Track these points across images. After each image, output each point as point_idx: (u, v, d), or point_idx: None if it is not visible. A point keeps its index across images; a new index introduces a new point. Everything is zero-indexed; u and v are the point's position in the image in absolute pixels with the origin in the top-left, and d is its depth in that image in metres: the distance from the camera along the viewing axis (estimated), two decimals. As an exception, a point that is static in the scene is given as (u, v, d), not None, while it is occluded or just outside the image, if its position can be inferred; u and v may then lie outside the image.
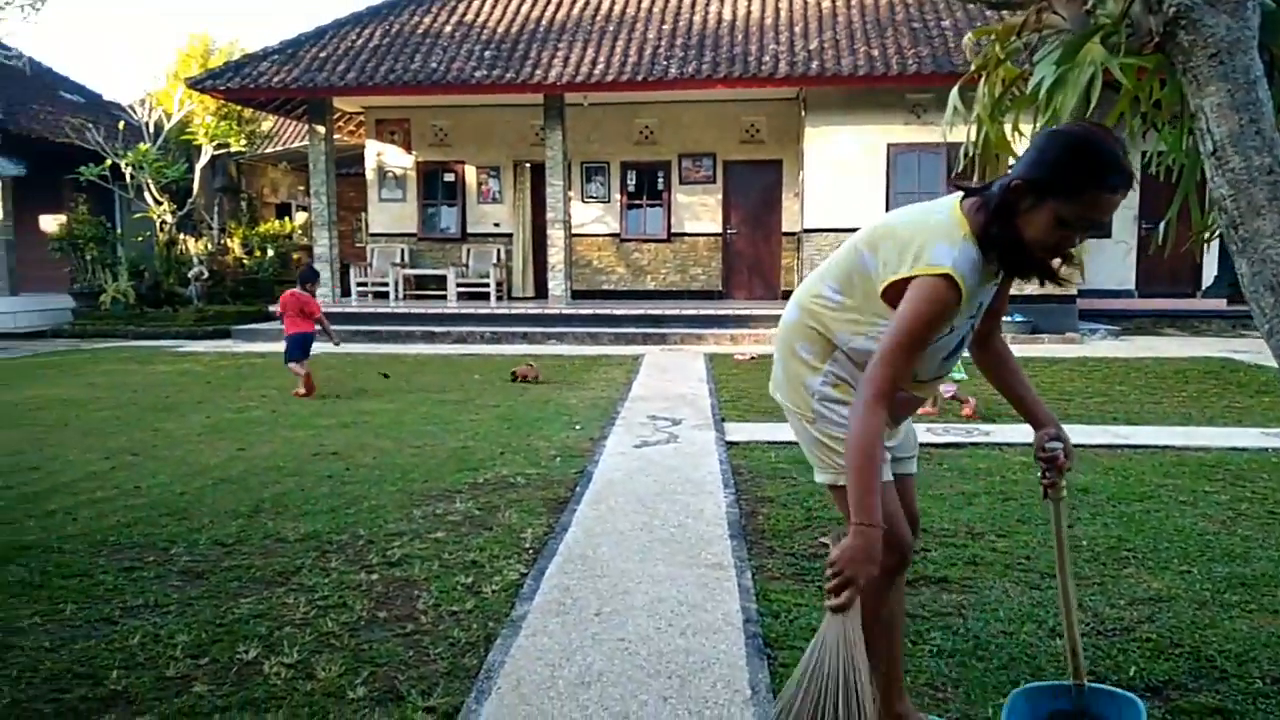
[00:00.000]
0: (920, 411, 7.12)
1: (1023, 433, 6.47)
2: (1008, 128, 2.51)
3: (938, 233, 2.00)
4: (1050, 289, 2.14)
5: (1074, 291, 13.32)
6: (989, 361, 2.36)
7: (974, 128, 2.45)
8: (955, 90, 2.52)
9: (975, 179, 2.25)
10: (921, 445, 6.23)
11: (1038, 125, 2.44)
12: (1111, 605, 3.32)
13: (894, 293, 2.01)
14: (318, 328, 8.86)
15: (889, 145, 13.46)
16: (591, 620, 3.12)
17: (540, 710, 2.50)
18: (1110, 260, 15.43)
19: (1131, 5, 2.09)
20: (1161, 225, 2.61)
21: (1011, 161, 2.69)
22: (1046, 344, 12.51)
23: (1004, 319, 2.32)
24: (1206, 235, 2.51)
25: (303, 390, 8.40)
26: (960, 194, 2.10)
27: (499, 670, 2.73)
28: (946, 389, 7.24)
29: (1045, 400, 2.31)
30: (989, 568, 3.71)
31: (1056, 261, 2.02)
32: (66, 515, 4.52)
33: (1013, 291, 2.31)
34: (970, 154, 2.49)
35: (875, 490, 1.90)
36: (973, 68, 2.44)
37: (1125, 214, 15.66)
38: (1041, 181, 1.90)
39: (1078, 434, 6.47)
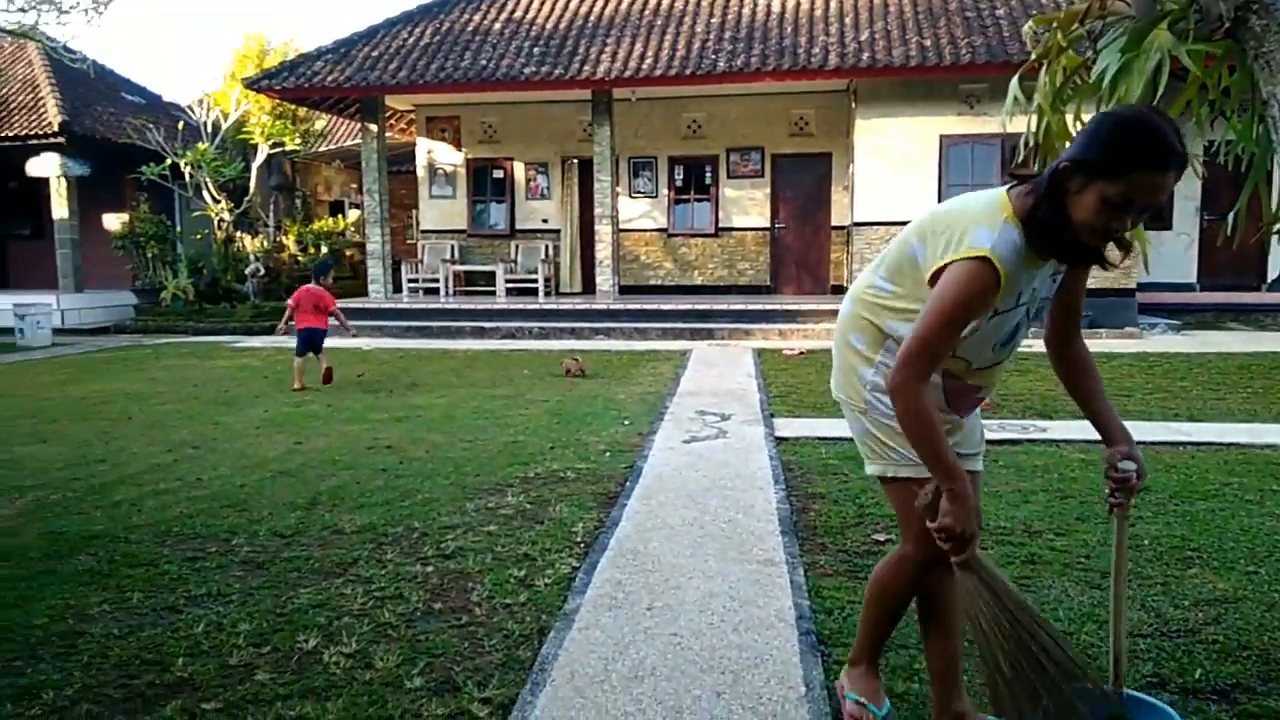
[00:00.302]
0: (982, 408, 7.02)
1: (1081, 429, 6.35)
2: (1069, 117, 2.46)
3: (980, 217, 2.00)
4: (1108, 281, 2.11)
5: (1133, 285, 13.00)
6: (1068, 367, 2.29)
7: (1034, 117, 2.40)
8: (1015, 79, 2.47)
9: (1035, 169, 2.20)
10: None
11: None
12: (1176, 606, 3.24)
13: (939, 279, 2.03)
14: (333, 322, 9.04)
15: (941, 136, 13.26)
16: (643, 614, 3.13)
17: (594, 703, 2.51)
18: (1171, 253, 15.02)
19: (1201, -10, 2.03)
20: (1230, 216, 2.53)
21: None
22: (1104, 338, 12.24)
23: None
24: (1277, 226, 2.43)
25: (298, 385, 8.65)
26: (1011, 182, 2.09)
27: (553, 663, 2.75)
28: None
29: (1105, 395, 2.26)
30: (1047, 567, 3.65)
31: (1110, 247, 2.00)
32: (132, 506, 4.65)
33: None
34: (1030, 144, 2.45)
35: (944, 450, 1.98)
36: (1033, 56, 2.39)
37: (1186, 205, 15.24)
38: (1090, 162, 1.88)
39: (1138, 430, 6.30)
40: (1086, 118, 2.49)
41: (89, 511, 4.56)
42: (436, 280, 15.76)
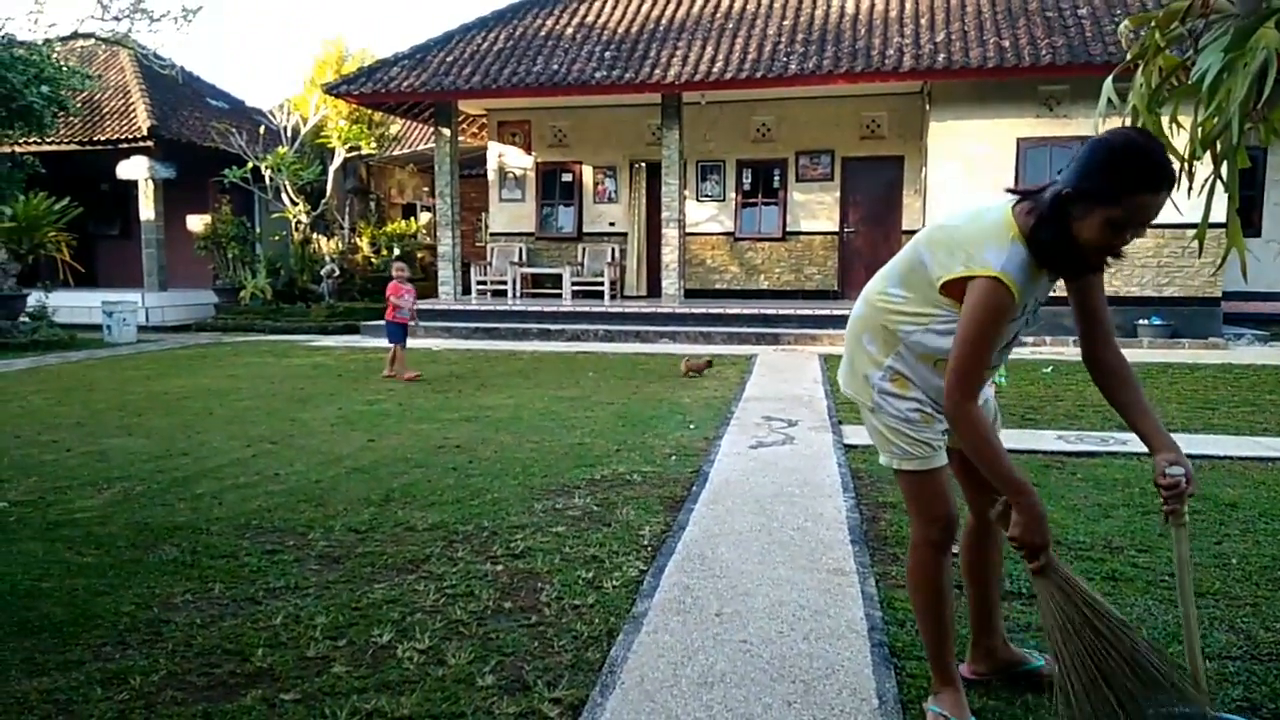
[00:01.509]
0: None
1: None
2: (1164, 119, 2.38)
3: (988, 233, 2.15)
4: (1192, 290, 2.24)
5: (1218, 294, 12.53)
6: (1104, 379, 2.34)
7: (1128, 119, 2.33)
8: (1109, 80, 2.39)
9: (1035, 186, 2.24)
10: (1052, 453, 5.96)
11: (1199, 117, 2.30)
12: (1267, 628, 3.11)
13: (954, 288, 2.19)
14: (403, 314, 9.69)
15: (1019, 139, 12.95)
16: (712, 620, 3.12)
17: (664, 707, 2.51)
18: (1260, 260, 14.43)
19: (1310, -13, 1.94)
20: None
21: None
22: (1187, 349, 11.81)
23: (1141, 323, 2.39)
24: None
25: (389, 372, 9.40)
26: (1014, 198, 2.23)
27: (622, 665, 2.75)
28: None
29: (1188, 408, 2.30)
30: (1129, 584, 3.53)
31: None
32: (213, 499, 4.80)
33: (1151, 294, 2.41)
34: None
35: (1010, 470, 2.12)
36: (1128, 56, 2.31)
37: (1276, 211, 14.64)
38: (1090, 190, 2.03)
39: (1223, 445, 6.10)
40: (1184, 119, 2.41)
41: (173, 503, 4.72)
42: (504, 282, 15.95)
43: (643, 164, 16.08)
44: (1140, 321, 12.31)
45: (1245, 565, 3.74)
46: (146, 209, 17.13)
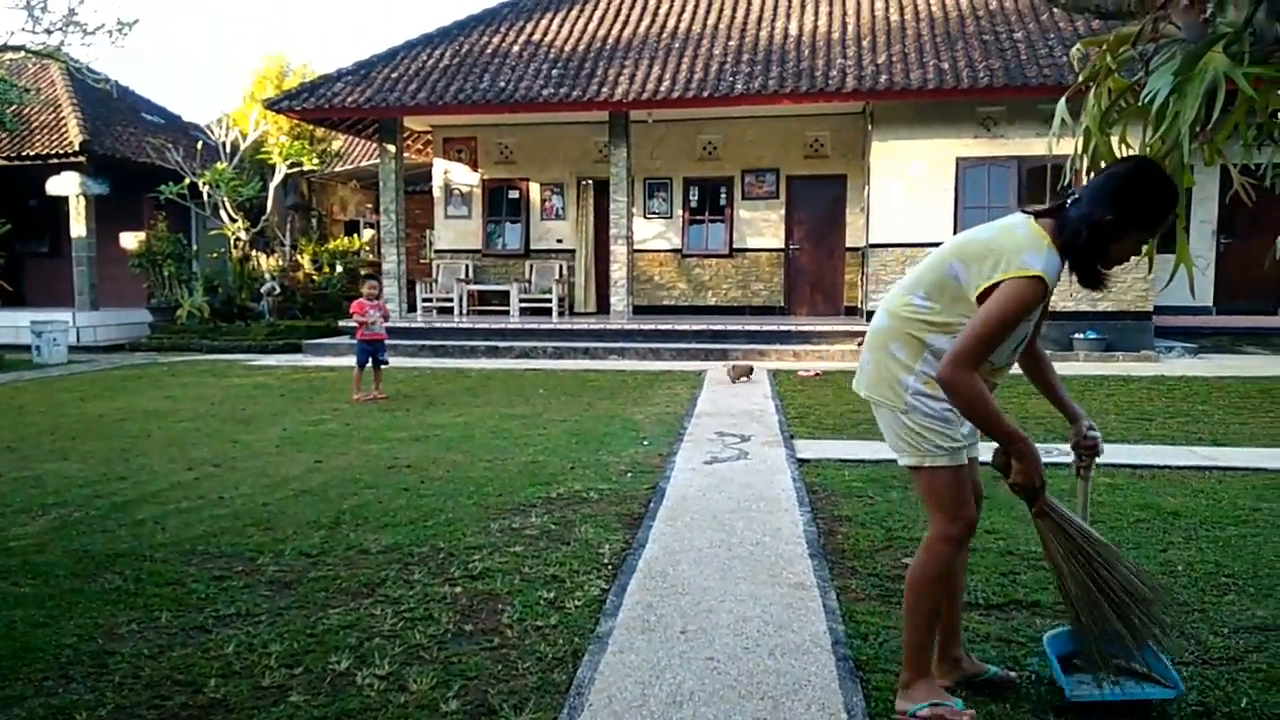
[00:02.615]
0: None
1: (1105, 453, 6.27)
2: (1114, 139, 2.45)
3: (1025, 244, 2.35)
4: (1126, 305, 2.65)
5: (1149, 308, 12.95)
6: (1034, 363, 2.76)
7: (1081, 139, 2.40)
8: (1062, 101, 2.46)
9: (1048, 203, 2.43)
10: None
11: (1148, 137, 2.37)
12: (1216, 634, 3.19)
13: (987, 297, 2.36)
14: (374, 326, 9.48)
15: (958, 158, 13.26)
16: (678, 638, 3.10)
17: (633, 729, 2.48)
18: (1187, 276, 14.94)
19: (1255, 13, 2.02)
20: (1279, 240, 2.52)
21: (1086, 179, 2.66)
22: (1122, 362, 12.17)
23: (1077, 336, 2.80)
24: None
25: (358, 395, 9.23)
26: (1028, 214, 2.46)
27: (589, 687, 2.72)
28: None
29: (1124, 419, 2.62)
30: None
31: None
32: (156, 524, 4.65)
33: (1086, 308, 2.76)
34: (1077, 166, 2.45)
35: (1004, 420, 2.35)
36: (1080, 78, 2.38)
37: (1203, 228, 15.21)
38: (1130, 217, 2.32)
39: (1163, 455, 6.28)
40: (1132, 140, 2.49)
41: (113, 529, 4.55)
42: (451, 300, 15.80)
43: (590, 181, 16.10)
44: (1076, 335, 12.65)
45: (1191, 572, 3.84)
46: (78, 226, 16.62)
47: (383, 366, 9.46)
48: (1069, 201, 2.41)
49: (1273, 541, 4.26)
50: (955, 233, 13.11)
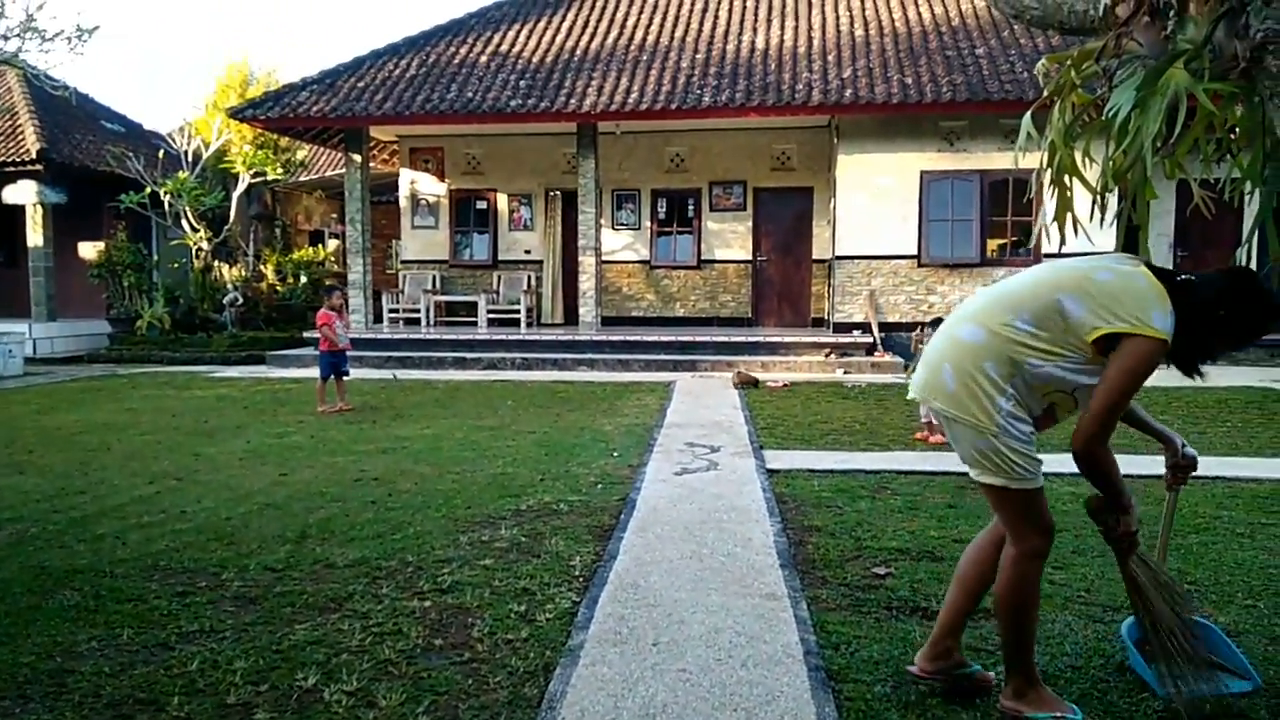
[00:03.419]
0: (932, 440, 7.10)
1: (1066, 462, 6.36)
2: (1078, 154, 2.49)
3: (1151, 299, 2.39)
4: None
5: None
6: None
7: (1046, 153, 2.44)
8: (1027, 115, 2.50)
9: (1039, 203, 2.38)
10: (965, 474, 6.12)
11: (1110, 151, 2.41)
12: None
13: (1104, 342, 2.41)
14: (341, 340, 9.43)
15: (922, 172, 13.43)
16: (650, 650, 3.09)
17: (606, 742, 2.46)
18: (1146, 288, 15.23)
19: (1215, 30, 2.07)
20: (1239, 252, 2.58)
21: (1079, 189, 2.69)
22: (1083, 372, 12.35)
23: None
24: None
25: (323, 407, 9.12)
26: (1139, 262, 2.51)
27: (561, 701, 2.70)
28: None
29: None
30: (1049, 601, 3.64)
31: None
32: (116, 539, 4.55)
33: None
34: (1042, 180, 2.49)
35: (1123, 489, 2.55)
36: (1045, 93, 2.43)
37: (1159, 241, 15.50)
38: (1247, 321, 2.47)
39: (1125, 465, 6.36)
40: (1095, 154, 2.53)
41: (72, 545, 4.45)
42: (417, 310, 15.70)
43: (558, 192, 16.09)
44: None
45: (1153, 579, 3.90)
46: (35, 235, 16.29)
47: (345, 378, 9.38)
48: (1179, 277, 2.49)
49: (1233, 549, 4.34)
50: (920, 245, 13.37)
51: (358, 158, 14.74)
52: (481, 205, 16.48)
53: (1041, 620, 3.42)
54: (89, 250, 17.15)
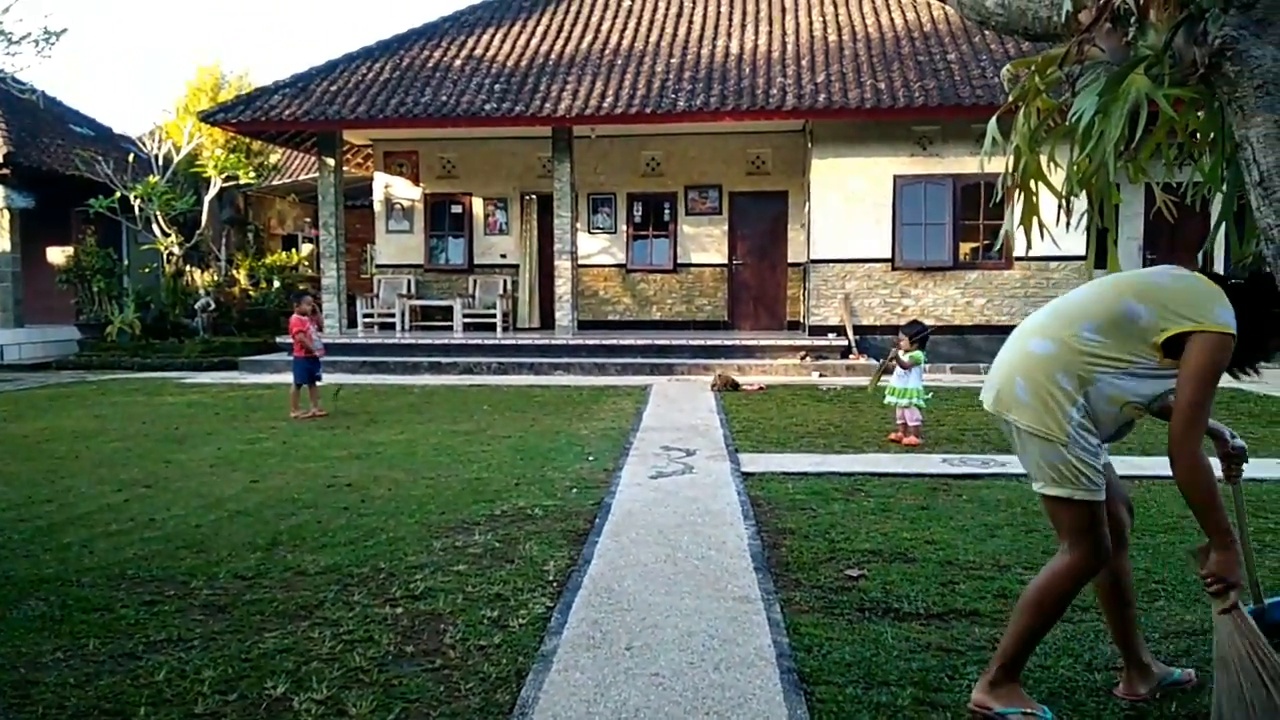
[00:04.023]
0: (905, 442, 7.16)
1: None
2: (1043, 158, 2.52)
3: (1213, 296, 2.42)
4: None
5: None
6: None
7: (1012, 157, 2.47)
8: (993, 121, 2.53)
9: (1010, 204, 2.38)
10: (938, 476, 6.18)
11: (1075, 155, 2.44)
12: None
13: (1172, 345, 2.42)
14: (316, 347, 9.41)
15: (895, 176, 13.53)
16: (623, 655, 3.08)
17: (578, 747, 2.46)
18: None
19: (1174, 37, 2.10)
20: (1200, 256, 2.62)
21: (1044, 192, 2.72)
22: (1055, 374, 12.48)
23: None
24: (1246, 262, 2.53)
25: (295, 412, 9.09)
26: (1193, 273, 2.53)
27: (534, 706, 2.69)
28: (912, 416, 7.31)
29: None
30: (1017, 599, 3.66)
31: None
32: (83, 548, 4.49)
33: (1019, 322, 2.78)
34: (1008, 184, 2.51)
35: (1222, 510, 2.38)
36: (1010, 98, 2.45)
37: (1129, 244, 15.68)
38: None
39: (1130, 467, 6.42)
40: (1060, 158, 2.56)
41: (37, 554, 4.39)
42: (392, 315, 15.61)
43: (534, 196, 16.07)
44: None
45: (1122, 578, 3.94)
46: (1, 240, 16.05)
47: (318, 383, 9.33)
48: (1230, 279, 2.52)
49: (1199, 547, 4.40)
50: (894, 248, 13.46)
51: (331, 162, 14.65)
52: (457, 209, 16.43)
53: (1009, 619, 3.45)
54: (57, 255, 16.93)
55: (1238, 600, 2.42)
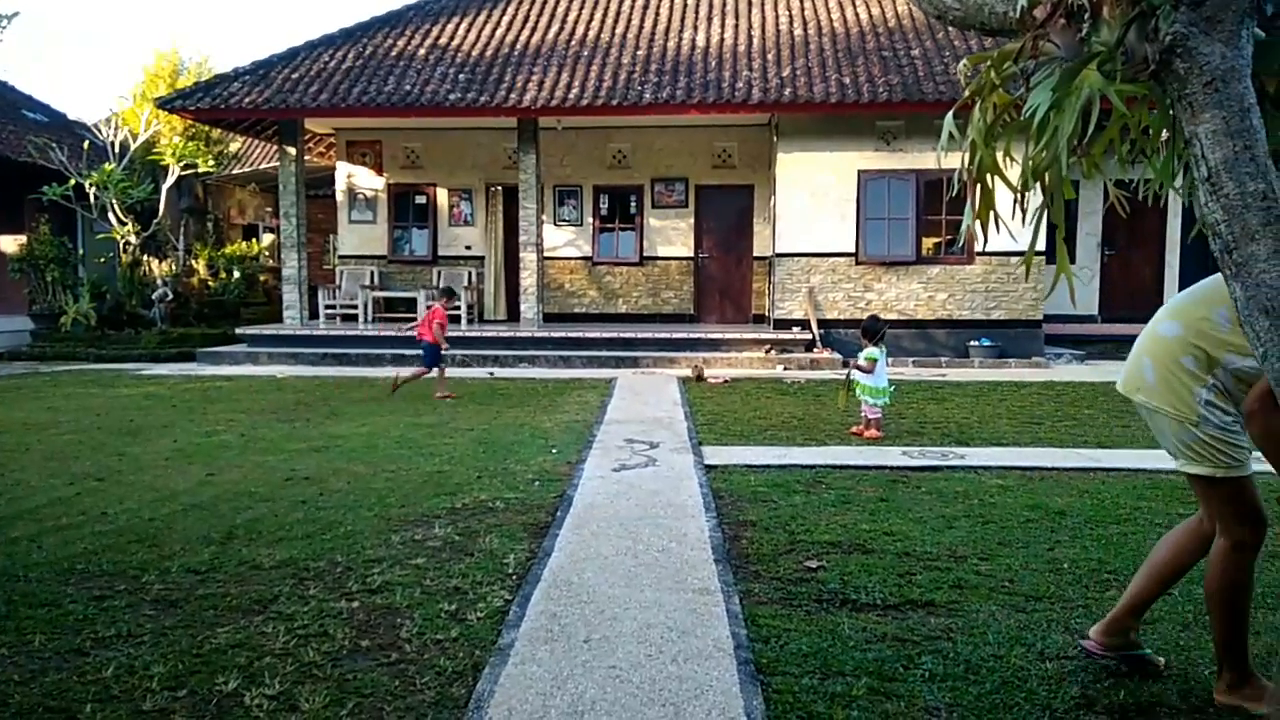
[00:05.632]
0: (867, 436, 7.23)
1: (995, 456, 6.55)
2: (999, 153, 2.53)
3: None
4: (1017, 313, 2.51)
5: (1040, 316, 13.51)
6: None
7: (968, 152, 2.47)
8: (950, 115, 2.54)
9: (970, 197, 2.36)
10: (898, 469, 6.22)
11: (1030, 150, 2.46)
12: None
13: None
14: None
15: (859, 171, 13.61)
16: (581, 647, 3.07)
17: (533, 741, 2.44)
18: (1067, 285, 15.65)
19: (1126, 33, 2.12)
20: (1169, 256, 2.65)
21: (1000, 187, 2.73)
22: (1014, 368, 12.66)
23: (973, 344, 2.76)
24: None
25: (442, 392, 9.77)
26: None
27: (489, 700, 2.67)
28: (872, 412, 7.38)
29: (1017, 423, 2.60)
30: (974, 591, 3.72)
31: None
32: (31, 542, 4.39)
33: (980, 316, 2.67)
34: (964, 179, 2.52)
35: None
36: (966, 93, 2.46)
37: (1088, 241, 15.95)
38: None
39: (1052, 457, 6.55)
40: (1015, 153, 2.58)
41: (-17, 549, 4.28)
42: (355, 306, 15.44)
43: (499, 187, 15.97)
44: (971, 343, 13.13)
45: (1076, 569, 4.01)
46: (-50, 227, 15.66)
47: (279, 376, 9.21)
48: None
49: (1152, 539, 4.46)
50: (858, 243, 13.55)
51: (292, 151, 14.44)
52: (421, 200, 16.27)
53: (964, 610, 3.49)
54: (10, 244, 16.53)
55: None
